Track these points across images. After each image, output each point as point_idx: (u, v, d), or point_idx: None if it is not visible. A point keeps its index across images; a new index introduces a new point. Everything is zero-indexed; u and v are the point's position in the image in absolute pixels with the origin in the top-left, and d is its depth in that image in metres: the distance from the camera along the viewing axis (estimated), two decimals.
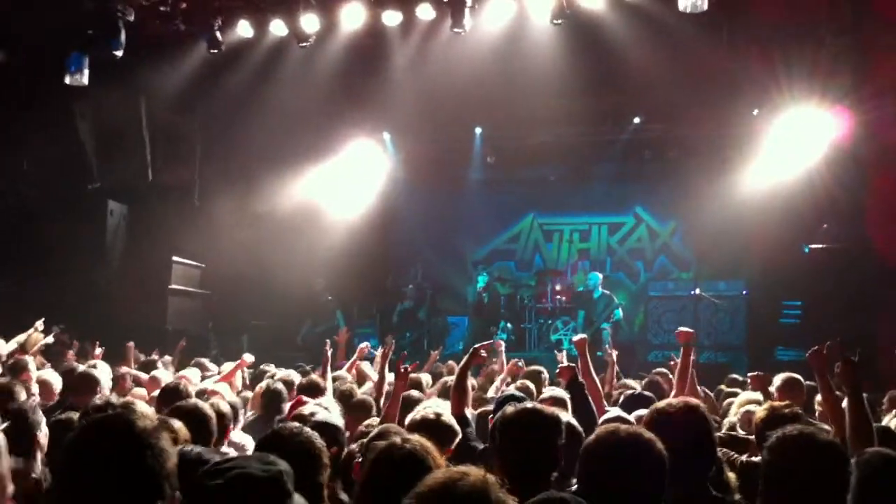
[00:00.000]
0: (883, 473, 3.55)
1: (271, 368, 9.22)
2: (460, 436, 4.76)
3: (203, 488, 2.51)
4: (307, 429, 3.68)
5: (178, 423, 4.03)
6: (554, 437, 3.84)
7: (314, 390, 6.56)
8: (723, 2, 11.25)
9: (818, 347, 5.23)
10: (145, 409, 4.37)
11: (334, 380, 7.94)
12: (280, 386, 6.81)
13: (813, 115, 13.46)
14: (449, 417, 4.80)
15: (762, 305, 14.91)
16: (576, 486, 3.49)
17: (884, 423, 6.21)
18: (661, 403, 4.06)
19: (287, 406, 6.48)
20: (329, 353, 7.90)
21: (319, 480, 3.48)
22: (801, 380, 6.75)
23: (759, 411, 5.09)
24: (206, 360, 9.10)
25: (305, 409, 5.09)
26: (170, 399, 5.43)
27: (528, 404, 4.19)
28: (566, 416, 4.77)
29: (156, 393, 6.50)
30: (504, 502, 2.41)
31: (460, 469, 2.48)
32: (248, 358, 8.53)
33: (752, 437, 5.06)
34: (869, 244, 12.54)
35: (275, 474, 2.57)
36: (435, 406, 5.14)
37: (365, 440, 4.28)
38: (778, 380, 6.84)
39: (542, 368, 8.78)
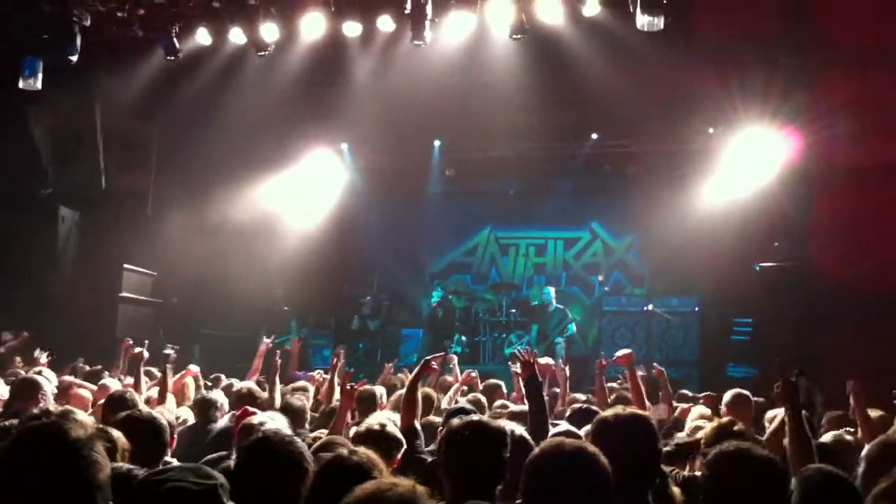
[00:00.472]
0: (824, 489, 3.59)
1: (224, 379, 9.16)
2: (405, 447, 4.76)
3: (136, 501, 2.48)
4: (298, 439, 3.67)
5: (116, 433, 3.98)
6: (499, 449, 3.85)
7: (252, 400, 6.51)
8: (680, 20, 11.38)
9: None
10: (83, 418, 4.30)
11: (298, 390, 7.90)
12: (214, 396, 6.76)
13: (766, 135, 13.65)
14: (393, 428, 4.79)
15: (714, 322, 15.04)
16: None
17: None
18: (608, 413, 4.08)
19: (219, 415, 6.45)
20: (279, 364, 7.83)
21: (301, 491, 3.44)
22: (749, 396, 6.83)
23: (708, 428, 5.15)
24: (153, 369, 8.99)
25: (255, 420, 5.06)
26: (116, 408, 5.36)
27: (475, 417, 4.20)
28: (519, 430, 4.78)
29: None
30: None
31: (391, 480, 2.49)
32: (194, 368, 8.50)
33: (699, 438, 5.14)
34: (817, 263, 12.71)
35: (210, 488, 2.54)
36: (383, 417, 5.13)
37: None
38: (727, 396, 6.93)
39: (500, 382, 8.81)
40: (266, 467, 3.38)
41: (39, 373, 7.33)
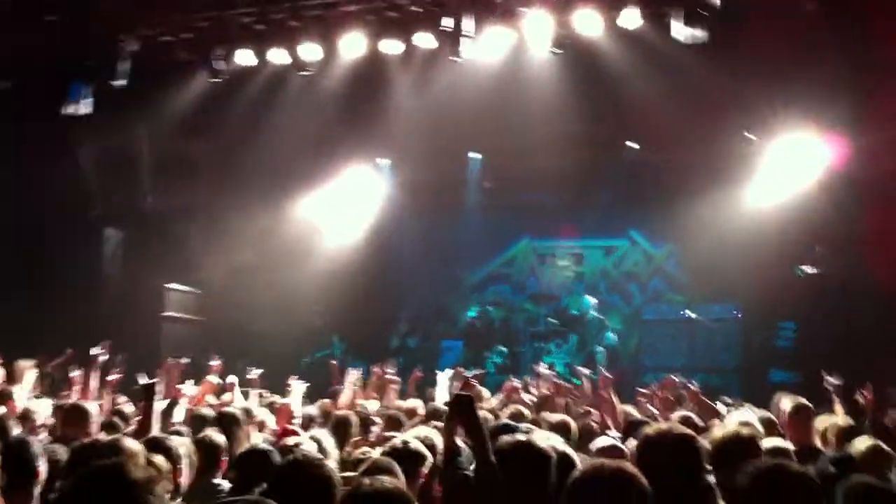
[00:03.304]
0: (865, 499, 3.68)
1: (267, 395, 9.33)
2: (429, 462, 4.86)
3: None
4: (328, 463, 3.78)
5: (158, 458, 4.10)
6: (546, 473, 3.96)
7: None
8: (720, 28, 11.32)
9: None
10: (131, 446, 4.31)
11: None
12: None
13: (810, 140, 13.51)
14: (417, 444, 4.90)
15: (755, 327, 14.95)
16: None
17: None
18: (652, 431, 4.08)
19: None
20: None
21: None
22: (811, 407, 6.68)
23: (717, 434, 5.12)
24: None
25: (292, 441, 5.20)
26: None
27: (521, 437, 4.28)
28: (567, 449, 4.78)
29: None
30: None
31: None
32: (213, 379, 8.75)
33: None
34: (861, 269, 12.57)
35: None
36: (417, 433, 5.26)
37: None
38: (787, 405, 6.75)
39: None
40: (295, 490, 3.51)
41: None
